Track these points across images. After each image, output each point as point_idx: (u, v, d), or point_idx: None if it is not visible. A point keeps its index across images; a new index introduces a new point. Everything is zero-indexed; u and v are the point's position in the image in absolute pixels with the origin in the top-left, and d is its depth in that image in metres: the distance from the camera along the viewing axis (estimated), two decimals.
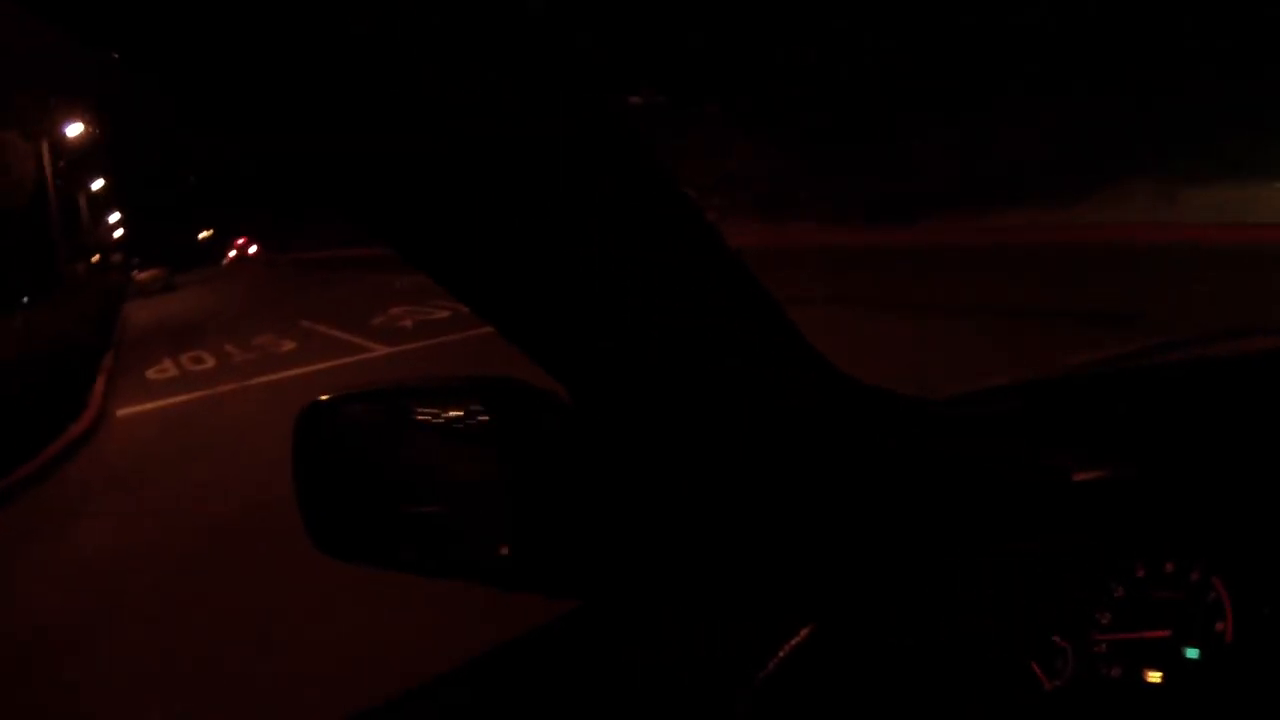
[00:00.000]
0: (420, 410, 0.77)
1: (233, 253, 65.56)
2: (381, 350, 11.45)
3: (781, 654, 0.89)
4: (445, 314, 12.43)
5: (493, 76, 0.54)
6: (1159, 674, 0.88)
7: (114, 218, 65.41)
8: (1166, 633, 0.88)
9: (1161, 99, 10.64)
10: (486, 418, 0.72)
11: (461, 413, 0.75)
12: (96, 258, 45.28)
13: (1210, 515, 0.84)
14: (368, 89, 0.51)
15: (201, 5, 0.46)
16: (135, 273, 42.32)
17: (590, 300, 0.66)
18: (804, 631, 0.89)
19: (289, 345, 13.60)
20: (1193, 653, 0.87)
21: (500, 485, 0.71)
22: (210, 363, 13.61)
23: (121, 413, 10.99)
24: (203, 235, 74.64)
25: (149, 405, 11.08)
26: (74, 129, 35.26)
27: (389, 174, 0.56)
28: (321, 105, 0.51)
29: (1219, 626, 0.86)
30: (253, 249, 63.07)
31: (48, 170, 35.64)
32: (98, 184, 49.87)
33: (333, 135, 0.53)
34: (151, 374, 13.54)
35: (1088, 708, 0.90)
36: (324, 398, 0.79)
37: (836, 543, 0.84)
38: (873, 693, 0.91)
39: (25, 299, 21.53)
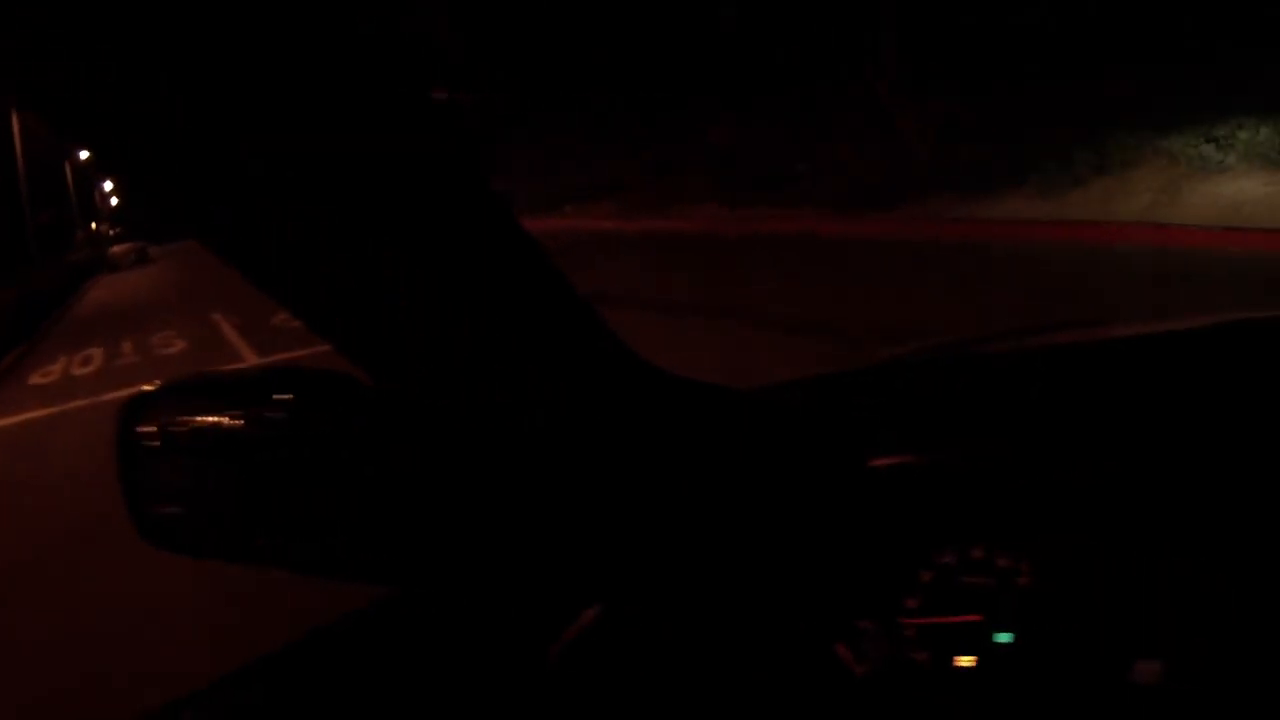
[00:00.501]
0: (235, 399, 0.78)
1: None
2: (253, 359, 9.98)
3: (569, 635, 0.93)
4: None
5: (307, 76, 0.57)
6: (971, 659, 0.92)
7: (107, 186, 64.66)
8: (978, 617, 0.92)
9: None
10: (295, 406, 0.75)
11: (274, 401, 0.76)
12: (91, 229, 43.69)
13: (1018, 501, 0.85)
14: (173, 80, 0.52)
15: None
16: (113, 246, 40.95)
17: (391, 290, 0.68)
18: (590, 612, 0.92)
19: (180, 345, 12.05)
20: (1004, 637, 0.91)
21: (311, 473, 0.75)
22: (95, 365, 12.17)
23: None
24: None
25: None
26: None
27: (192, 160, 0.57)
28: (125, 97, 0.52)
29: (1030, 610, 0.91)
30: None
31: (16, 139, 34.23)
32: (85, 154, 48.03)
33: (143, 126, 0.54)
34: (35, 378, 12.08)
35: (898, 692, 0.93)
36: (148, 388, 0.80)
37: (631, 526, 0.87)
38: (665, 674, 0.94)
39: None
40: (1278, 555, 0.82)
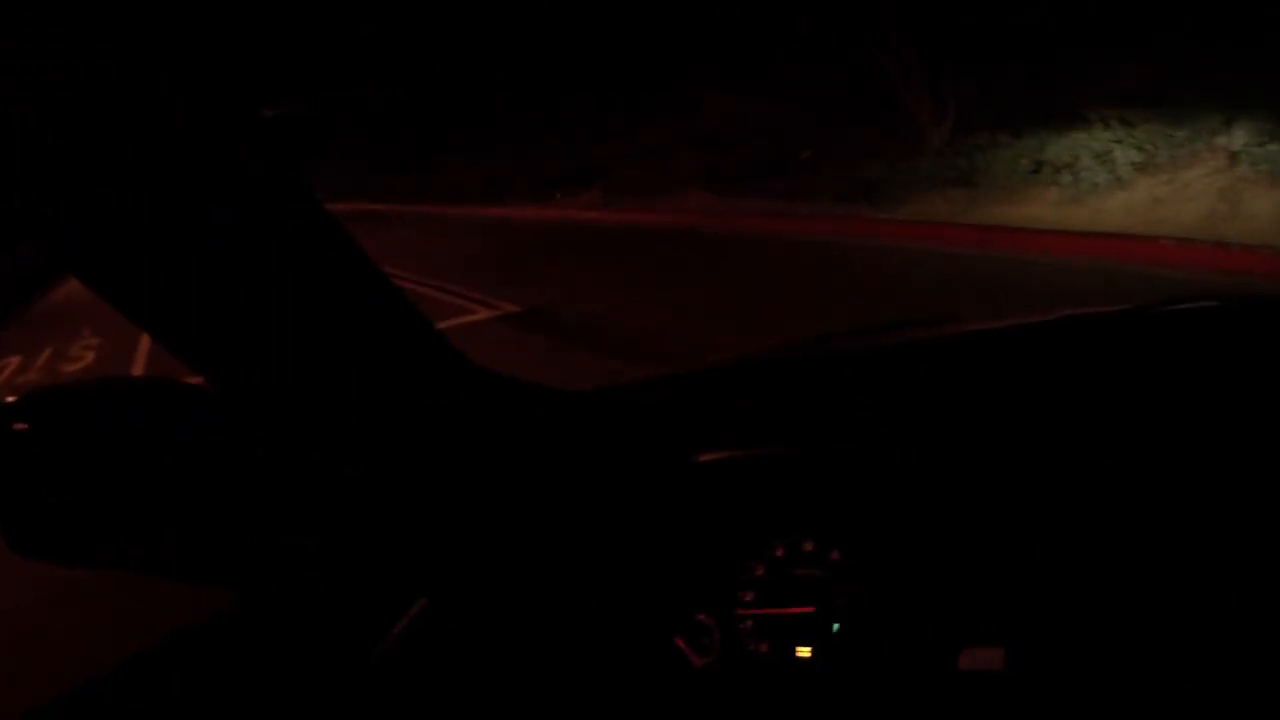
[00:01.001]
0: (84, 410, 0.80)
1: None
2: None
3: (399, 627, 0.93)
4: None
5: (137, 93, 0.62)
6: (808, 649, 0.96)
7: None
8: (811, 609, 0.97)
9: None
10: (139, 414, 0.78)
11: (122, 409, 0.78)
12: None
13: (846, 497, 0.88)
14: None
15: None
16: None
17: (219, 299, 0.72)
18: (417, 606, 0.94)
19: (85, 360, 10.62)
20: (839, 627, 0.96)
21: (162, 478, 0.78)
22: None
23: None
24: None
25: None
26: None
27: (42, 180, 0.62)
28: None
29: (862, 601, 0.96)
30: None
31: None
32: None
33: None
34: None
35: (739, 683, 0.97)
36: (9, 400, 0.80)
37: (459, 522, 0.90)
38: (495, 665, 0.95)
39: None
40: (1113, 543, 0.87)
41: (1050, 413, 0.97)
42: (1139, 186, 7.48)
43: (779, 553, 1.01)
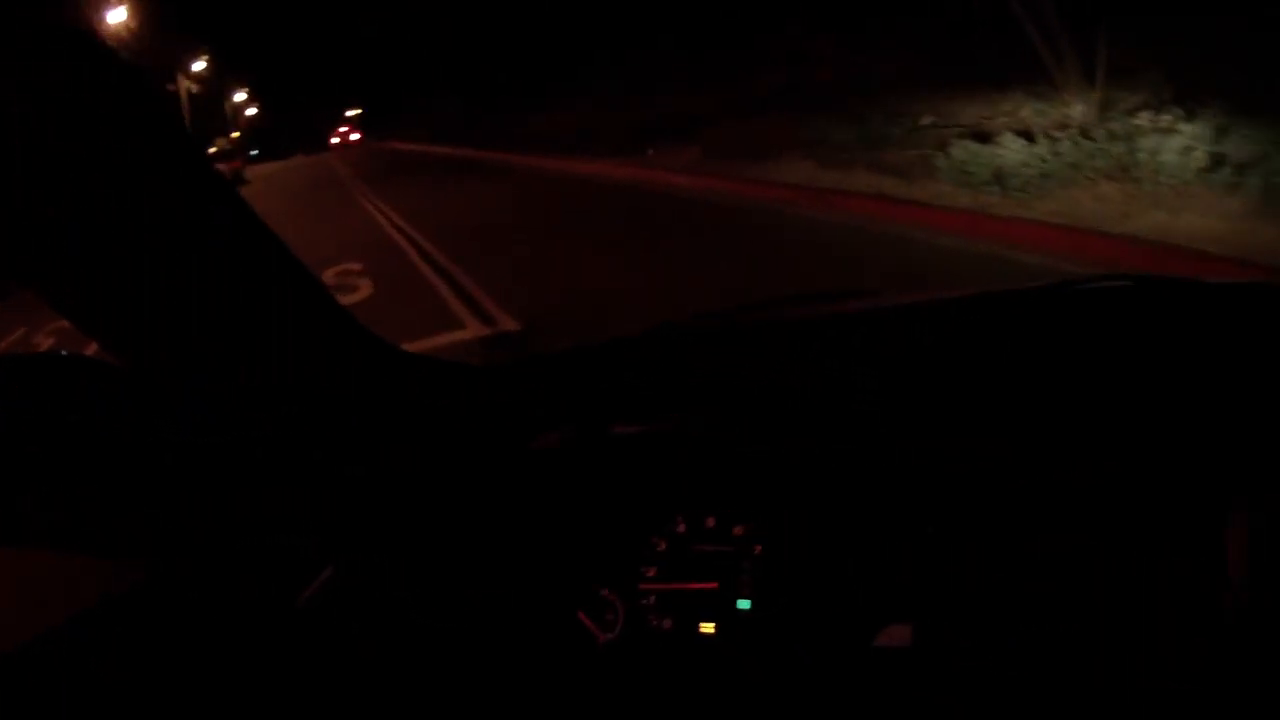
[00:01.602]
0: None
1: (335, 139, 70.72)
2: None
3: (308, 593, 0.94)
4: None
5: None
6: (712, 625, 0.99)
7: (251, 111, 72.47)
8: (714, 585, 1.00)
9: None
10: (45, 390, 0.80)
11: (24, 387, 0.80)
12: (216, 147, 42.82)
13: (751, 472, 0.88)
14: None
15: None
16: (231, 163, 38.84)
17: (124, 276, 0.75)
18: (324, 573, 0.94)
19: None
20: (744, 604, 0.99)
21: (74, 453, 0.80)
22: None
23: None
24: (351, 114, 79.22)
25: None
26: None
27: None
28: None
29: (768, 577, 0.98)
30: (355, 136, 69.12)
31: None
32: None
33: None
34: None
35: (643, 658, 1.00)
36: None
37: (370, 493, 0.93)
38: (399, 632, 0.95)
39: None
40: (1007, 526, 0.90)
41: (964, 387, 0.98)
42: None
43: (680, 528, 1.03)
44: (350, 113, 76.26)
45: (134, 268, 0.76)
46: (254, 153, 67.84)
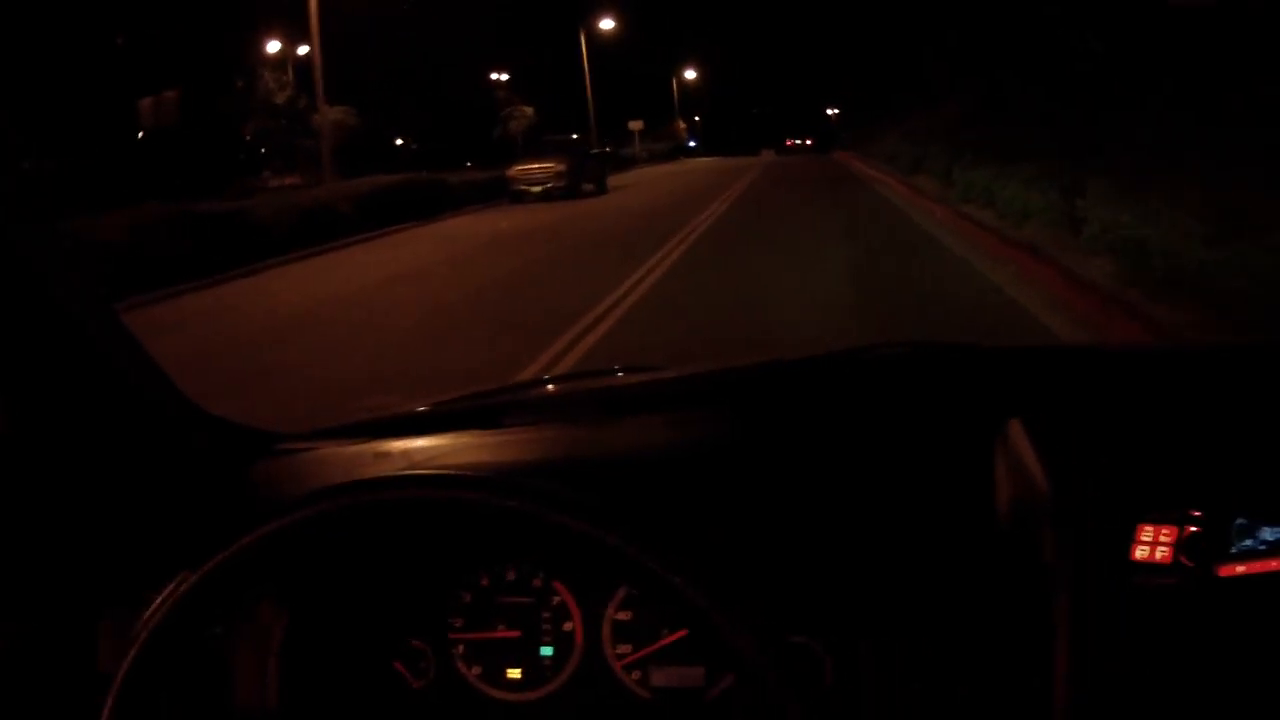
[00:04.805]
0: None
1: (788, 143, 73.67)
2: None
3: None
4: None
5: None
6: (518, 670, 1.05)
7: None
8: (517, 633, 1.05)
9: None
10: None
11: None
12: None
13: (542, 526, 0.84)
14: None
15: None
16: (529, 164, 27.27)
17: None
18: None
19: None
20: (547, 650, 1.05)
21: None
22: None
23: None
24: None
25: None
26: None
27: None
28: None
29: (566, 626, 1.05)
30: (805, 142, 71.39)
31: None
32: None
33: None
34: None
35: (453, 704, 1.06)
36: None
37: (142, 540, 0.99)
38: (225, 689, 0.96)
39: None
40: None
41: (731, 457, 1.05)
42: None
43: (484, 582, 1.07)
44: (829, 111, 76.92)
45: None
46: (692, 145, 69.06)
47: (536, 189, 22.39)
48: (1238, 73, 9.75)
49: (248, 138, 32.21)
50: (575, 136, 27.88)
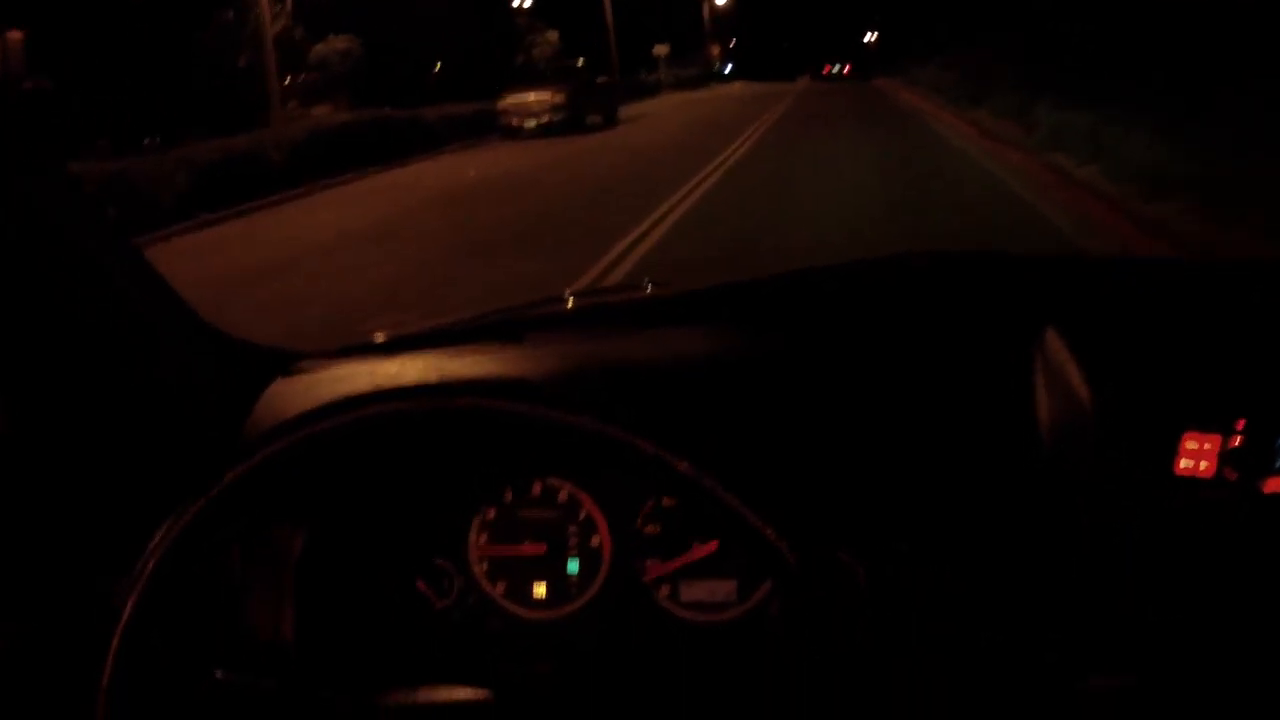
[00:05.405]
0: None
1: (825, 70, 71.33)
2: None
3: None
4: None
5: None
6: (544, 587, 1.03)
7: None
8: (543, 548, 1.03)
9: None
10: None
11: None
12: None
13: (570, 434, 0.82)
14: None
15: None
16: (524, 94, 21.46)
17: None
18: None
19: None
20: (573, 566, 1.03)
21: None
22: None
23: None
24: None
25: None
26: None
27: None
28: None
29: (594, 541, 1.02)
30: (845, 69, 69.56)
31: None
32: None
33: None
34: None
35: (477, 621, 1.04)
36: None
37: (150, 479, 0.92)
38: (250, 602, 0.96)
39: None
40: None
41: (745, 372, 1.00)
42: None
43: (508, 496, 1.05)
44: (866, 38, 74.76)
45: None
46: (726, 70, 66.49)
47: (531, 123, 19.27)
48: (1229, 66, 8.65)
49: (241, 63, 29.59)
50: (580, 62, 24.26)
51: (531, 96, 19.56)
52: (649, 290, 1.48)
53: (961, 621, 0.85)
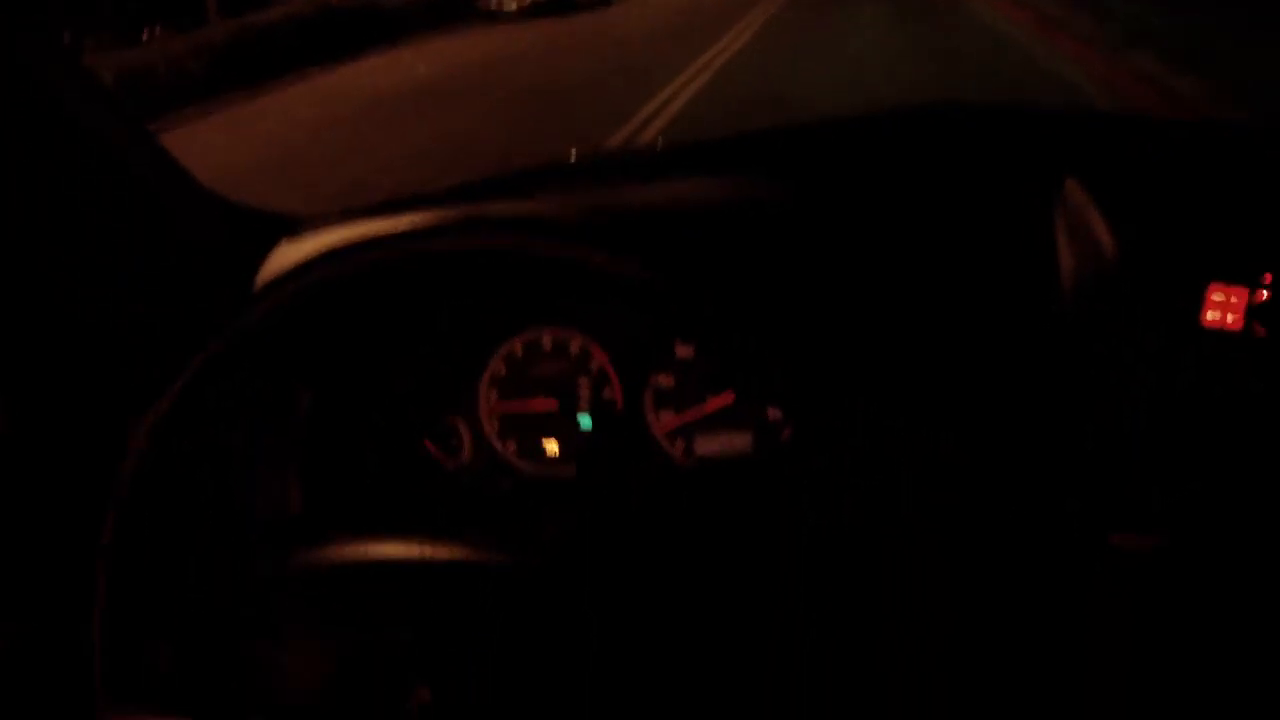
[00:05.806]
0: None
1: None
2: None
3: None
4: None
5: None
6: (555, 443, 1.00)
7: None
8: (554, 403, 1.00)
9: None
10: None
11: None
12: None
13: (580, 283, 0.80)
14: None
15: None
16: None
17: None
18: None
19: None
20: (585, 420, 0.99)
21: None
22: None
23: None
24: None
25: None
26: None
27: None
28: None
29: (606, 393, 0.99)
30: None
31: None
32: None
33: None
34: None
35: (488, 482, 1.01)
36: None
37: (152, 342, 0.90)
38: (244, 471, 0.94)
39: None
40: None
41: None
42: None
43: (517, 350, 1.02)
44: None
45: None
46: None
47: (513, 4, 17.01)
48: None
49: None
50: None
51: None
52: (662, 145, 1.51)
53: (969, 481, 0.81)
